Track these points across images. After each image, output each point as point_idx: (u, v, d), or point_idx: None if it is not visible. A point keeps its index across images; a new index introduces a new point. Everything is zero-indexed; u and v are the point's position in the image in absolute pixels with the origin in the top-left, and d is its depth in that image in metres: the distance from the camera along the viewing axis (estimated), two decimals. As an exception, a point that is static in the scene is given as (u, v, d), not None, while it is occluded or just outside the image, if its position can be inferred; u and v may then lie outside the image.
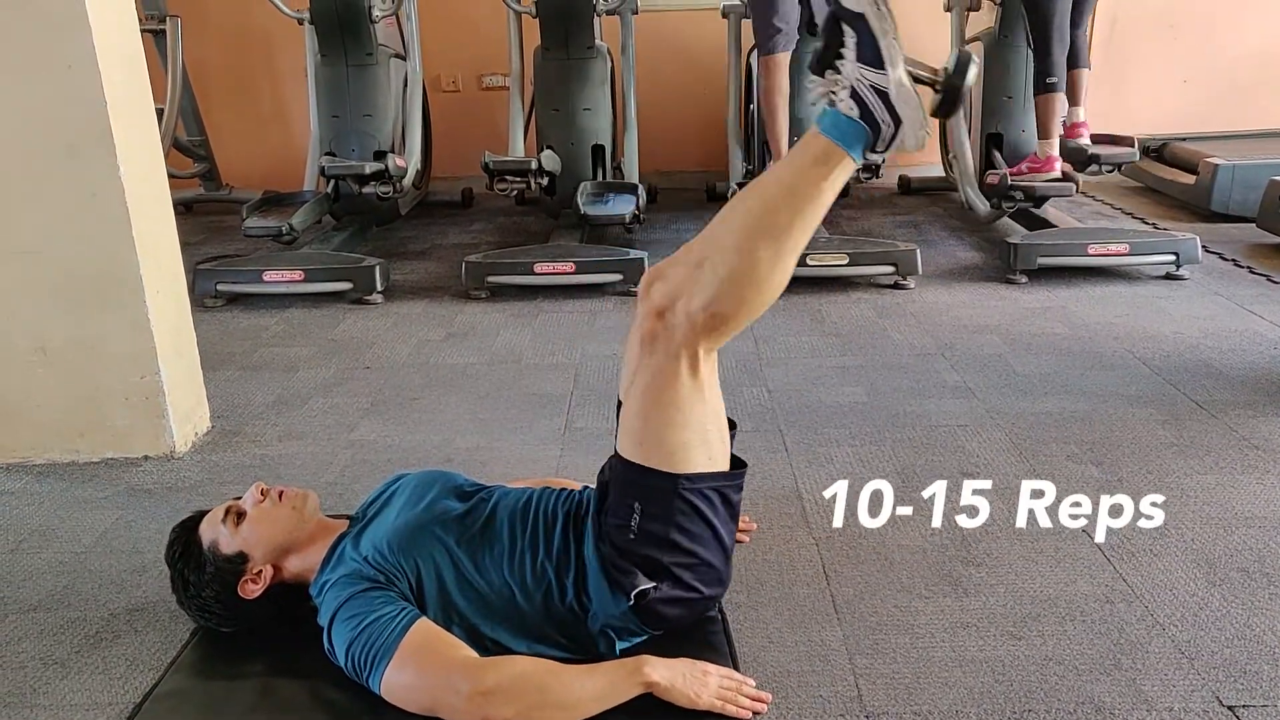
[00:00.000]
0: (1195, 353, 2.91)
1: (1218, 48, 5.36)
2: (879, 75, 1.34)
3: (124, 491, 2.27)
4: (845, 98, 1.37)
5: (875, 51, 1.34)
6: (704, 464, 1.46)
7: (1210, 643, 1.61)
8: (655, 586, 1.46)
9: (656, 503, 1.45)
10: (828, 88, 1.39)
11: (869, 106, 1.35)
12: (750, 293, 1.39)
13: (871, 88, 1.35)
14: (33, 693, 1.59)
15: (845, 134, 1.37)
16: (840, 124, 1.37)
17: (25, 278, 2.30)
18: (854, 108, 1.36)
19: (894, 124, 1.35)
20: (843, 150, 1.37)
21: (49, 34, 2.14)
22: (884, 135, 1.36)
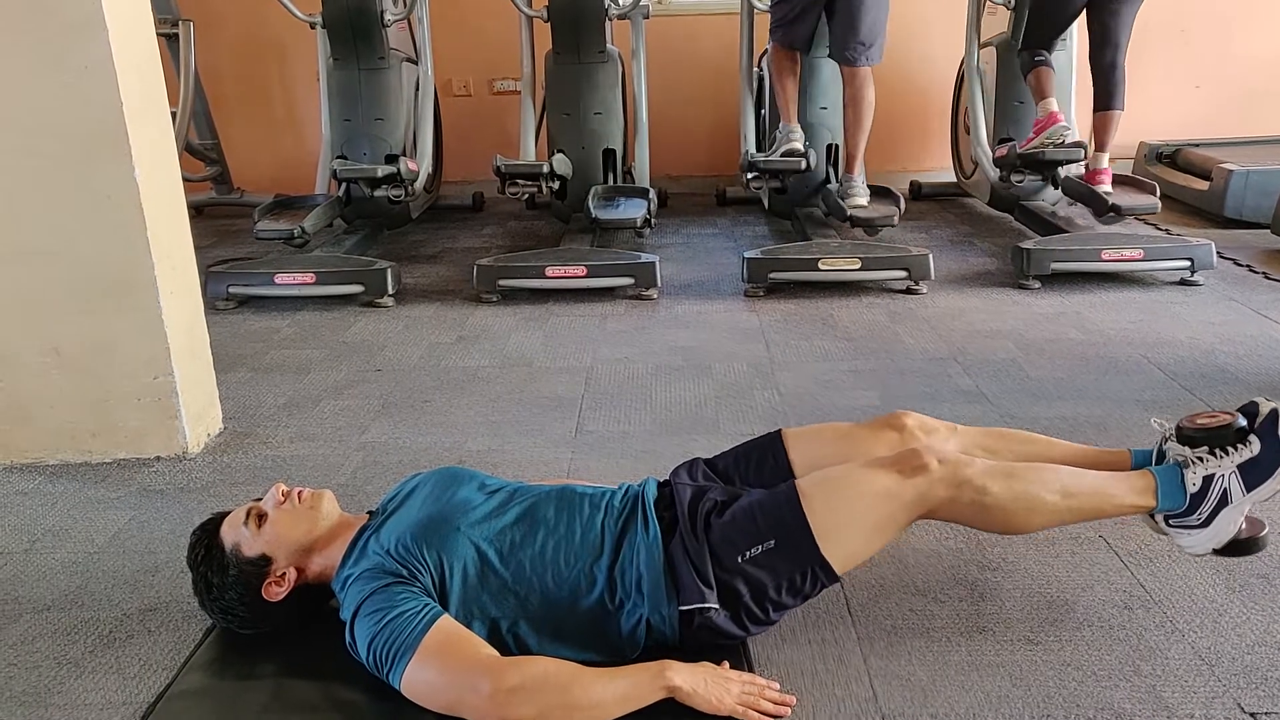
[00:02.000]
0: (1210, 358, 2.89)
1: (1231, 53, 5.34)
2: (1239, 491, 1.49)
3: (136, 492, 2.27)
4: (1198, 476, 1.52)
5: (1261, 478, 1.48)
6: (837, 564, 1.52)
7: (1230, 649, 1.59)
8: (716, 609, 1.49)
9: (789, 555, 1.50)
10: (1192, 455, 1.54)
11: (1206, 496, 1.50)
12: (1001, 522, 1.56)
13: (1222, 490, 1.49)
14: (48, 692, 1.59)
15: (1171, 493, 1.54)
16: (1175, 484, 1.54)
17: (40, 279, 2.30)
18: (1197, 484, 1.50)
19: (1202, 525, 1.51)
20: (1155, 500, 1.55)
21: (66, 36, 2.15)
22: (1187, 521, 1.53)
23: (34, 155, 2.23)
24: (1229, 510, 1.50)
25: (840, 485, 1.53)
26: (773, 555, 1.49)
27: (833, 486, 1.53)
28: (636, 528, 1.54)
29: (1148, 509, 1.56)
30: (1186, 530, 1.55)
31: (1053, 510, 1.54)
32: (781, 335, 3.20)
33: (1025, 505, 1.52)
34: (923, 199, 5.18)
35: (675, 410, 2.64)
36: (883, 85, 4.02)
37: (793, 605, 1.56)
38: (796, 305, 3.52)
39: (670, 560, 1.49)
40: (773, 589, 1.50)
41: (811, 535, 1.49)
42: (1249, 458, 1.50)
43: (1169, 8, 5.24)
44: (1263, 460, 1.49)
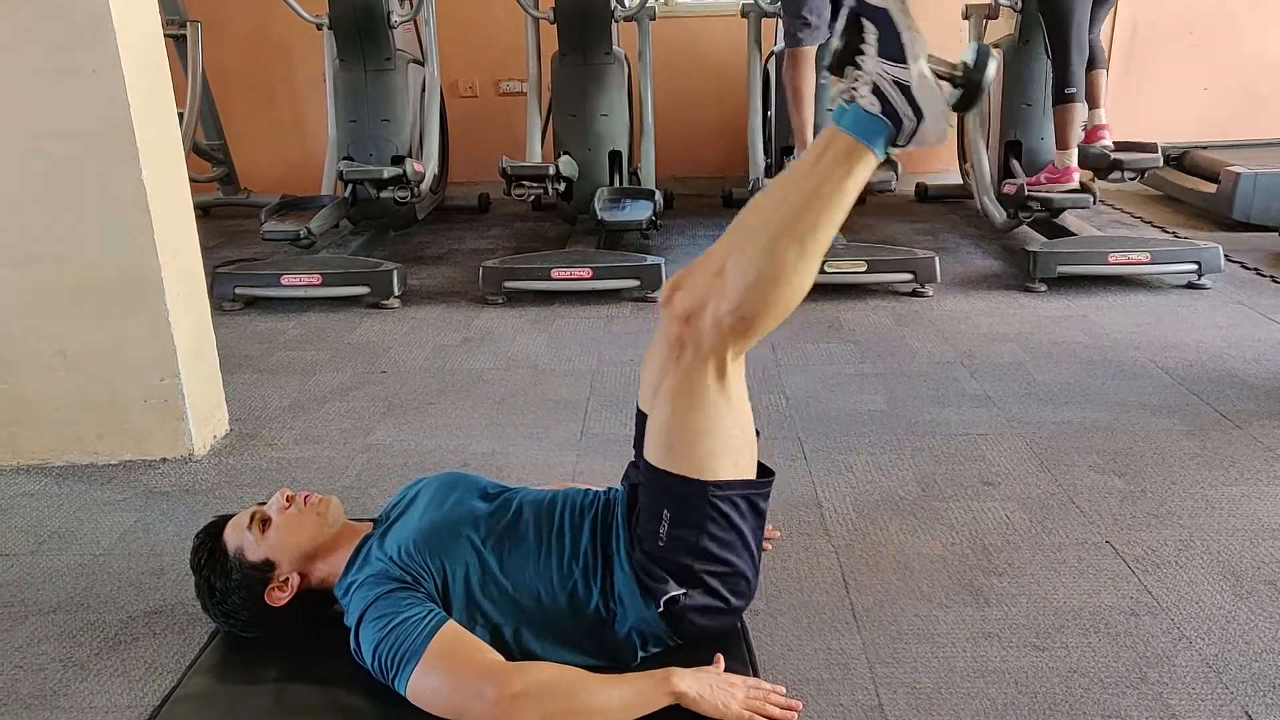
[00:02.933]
0: (1218, 362, 2.88)
1: (1238, 55, 5.32)
2: (901, 69, 1.33)
3: (142, 494, 2.28)
4: (866, 93, 1.35)
5: (898, 45, 1.33)
6: (731, 471, 1.46)
7: (1238, 656, 1.59)
8: (685, 593, 1.46)
9: (686, 509, 1.44)
10: (848, 84, 1.38)
11: (891, 101, 1.34)
12: (777, 294, 1.38)
13: (894, 82, 1.33)
14: (54, 694, 1.59)
15: (867, 130, 1.35)
16: (862, 120, 1.35)
17: (47, 281, 2.31)
18: (875, 103, 1.34)
19: (916, 118, 1.34)
20: (865, 146, 1.35)
21: (73, 38, 2.15)
22: (906, 129, 1.35)
23: (42, 157, 2.23)
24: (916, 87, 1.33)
25: (661, 418, 1.46)
26: (677, 521, 1.45)
27: (658, 426, 1.47)
28: (610, 538, 1.53)
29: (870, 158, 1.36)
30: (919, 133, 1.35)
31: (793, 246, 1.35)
32: (787, 337, 3.19)
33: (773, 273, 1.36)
34: (929, 201, 5.18)
35: (680, 413, 2.64)
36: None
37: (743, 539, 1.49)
38: (802, 308, 3.41)
39: (633, 567, 1.48)
40: (708, 542, 1.45)
41: (684, 479, 1.43)
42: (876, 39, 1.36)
43: (1177, 10, 5.23)
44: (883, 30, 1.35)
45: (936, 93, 1.34)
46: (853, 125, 1.36)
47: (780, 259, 1.36)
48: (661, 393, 1.46)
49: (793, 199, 1.38)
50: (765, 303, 1.38)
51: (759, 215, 1.41)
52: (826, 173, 1.37)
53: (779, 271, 1.36)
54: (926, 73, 1.33)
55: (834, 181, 1.36)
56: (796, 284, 1.38)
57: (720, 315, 1.37)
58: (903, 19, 1.33)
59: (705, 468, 1.43)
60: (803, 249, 1.36)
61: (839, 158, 1.36)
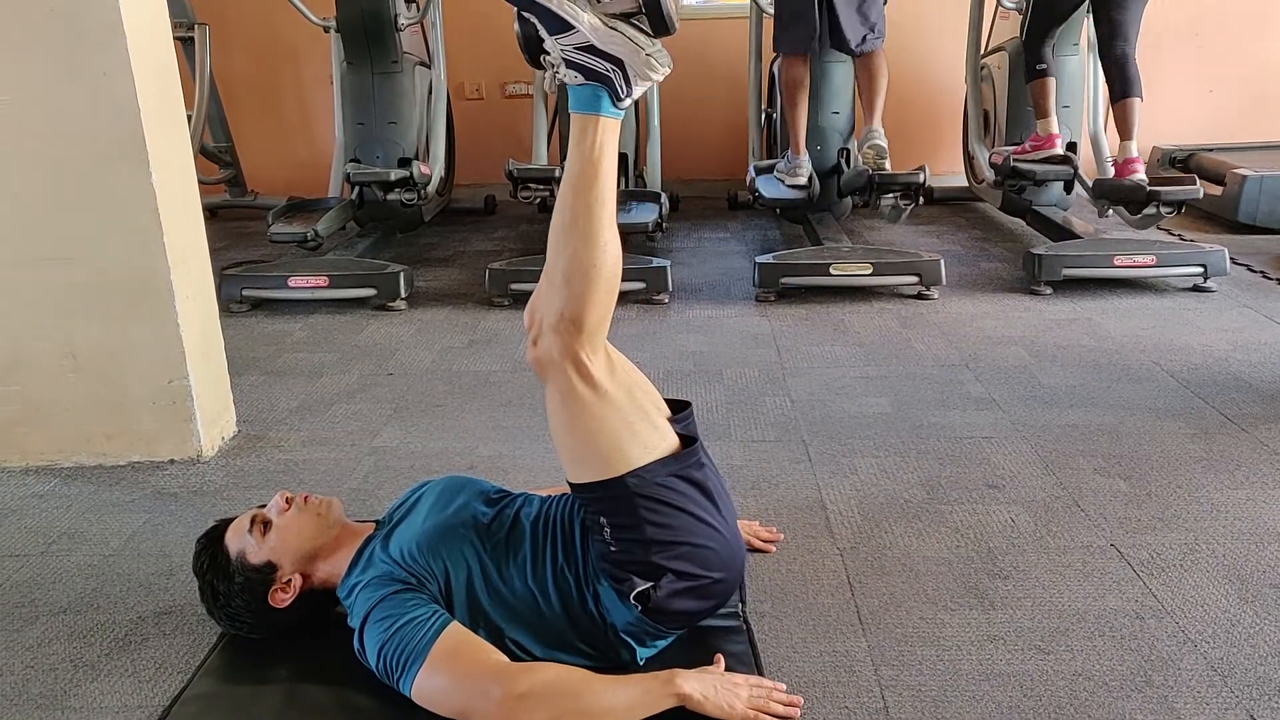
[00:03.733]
0: (1224, 365, 2.88)
1: (1244, 58, 5.32)
2: (574, 35, 1.36)
3: (151, 495, 2.29)
4: (565, 70, 1.39)
5: (556, 19, 1.37)
6: (642, 456, 1.45)
7: (1244, 660, 1.59)
8: (654, 585, 1.46)
9: (617, 511, 1.45)
10: (551, 73, 1.43)
11: (586, 66, 1.38)
12: (586, 284, 1.40)
13: (576, 49, 1.37)
14: (64, 695, 1.60)
15: (584, 100, 1.40)
16: (577, 94, 1.40)
17: (57, 283, 2.32)
18: (576, 75, 1.38)
19: (617, 66, 1.37)
20: (592, 115, 1.40)
21: (85, 43, 2.17)
22: (615, 81, 1.38)
23: (53, 160, 2.25)
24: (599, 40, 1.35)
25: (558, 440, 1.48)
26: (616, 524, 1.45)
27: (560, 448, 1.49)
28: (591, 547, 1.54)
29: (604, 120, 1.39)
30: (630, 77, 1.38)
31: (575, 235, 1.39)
32: (793, 341, 3.20)
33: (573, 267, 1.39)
34: (934, 203, 5.17)
35: (686, 416, 2.64)
36: (894, 90, 4.02)
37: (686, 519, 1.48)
38: (808, 310, 3.52)
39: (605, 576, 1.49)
40: (652, 529, 1.45)
41: (602, 484, 1.44)
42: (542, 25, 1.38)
43: (1183, 12, 5.23)
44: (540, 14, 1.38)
45: (619, 35, 1.37)
46: (574, 104, 1.41)
47: (572, 252, 1.40)
48: (548, 418, 1.48)
49: (564, 194, 1.42)
50: (579, 295, 1.40)
51: (552, 224, 1.45)
52: (575, 155, 1.41)
53: (577, 263, 1.40)
54: (598, 23, 1.37)
55: (584, 159, 1.40)
56: (598, 267, 1.40)
57: (552, 324, 1.41)
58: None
59: (614, 465, 1.44)
60: (585, 232, 1.40)
61: (579, 137, 1.41)
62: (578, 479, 1.48)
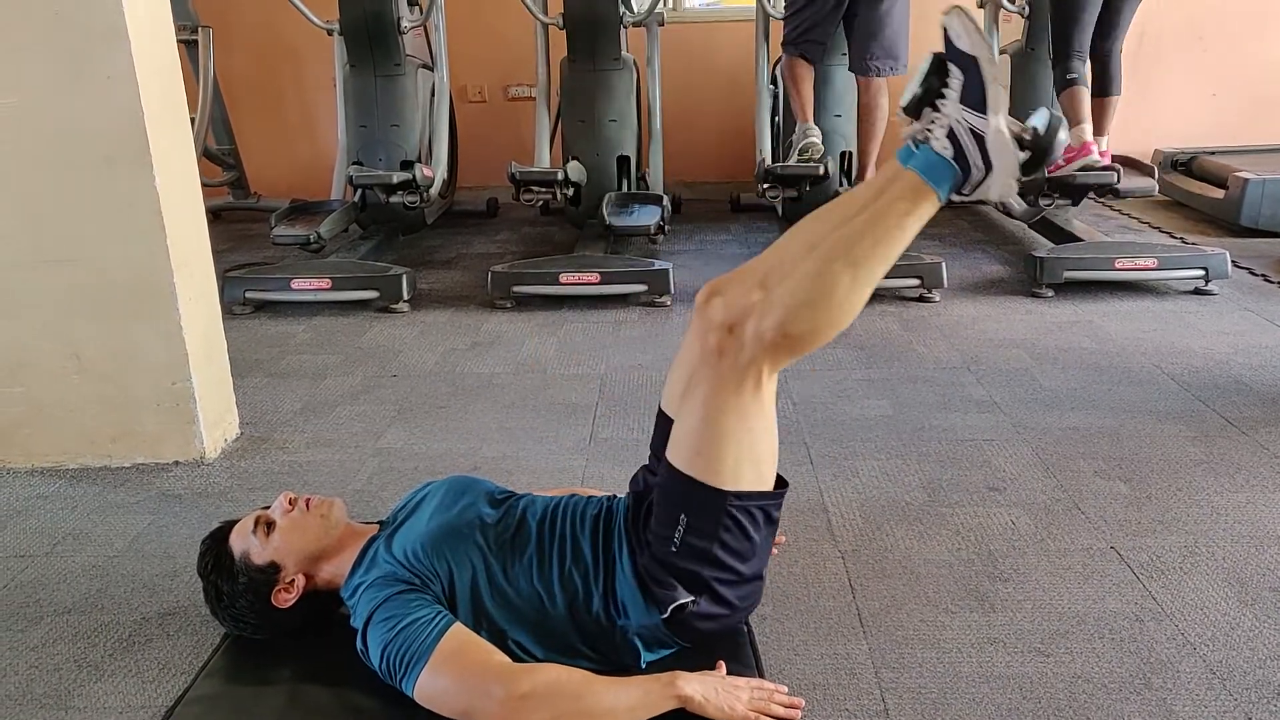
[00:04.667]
0: (1225, 369, 2.88)
1: (1246, 60, 5.32)
2: (980, 119, 1.36)
3: (155, 496, 2.30)
4: (941, 136, 1.38)
5: (981, 96, 1.36)
6: (753, 482, 1.46)
7: (1243, 663, 1.59)
8: (694, 600, 1.47)
9: (703, 517, 1.45)
10: (923, 126, 1.41)
11: (964, 148, 1.37)
12: (825, 317, 1.39)
13: (970, 130, 1.37)
14: (68, 695, 1.61)
15: (936, 172, 1.38)
16: (932, 162, 1.39)
17: (61, 286, 2.34)
18: (948, 147, 1.38)
19: (985, 170, 1.37)
20: (931, 188, 1.39)
21: (89, 46, 2.18)
22: (973, 179, 1.38)
23: (57, 163, 2.26)
24: (991, 139, 1.37)
25: (687, 423, 1.46)
26: (693, 527, 1.45)
27: (685, 430, 1.47)
28: (612, 545, 1.54)
29: (934, 199, 1.40)
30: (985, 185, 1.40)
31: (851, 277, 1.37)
32: (794, 343, 3.20)
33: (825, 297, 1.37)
34: (936, 206, 5.17)
35: (688, 418, 2.65)
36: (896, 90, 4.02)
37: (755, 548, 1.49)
38: (809, 313, 3.51)
39: (638, 575, 1.50)
40: (720, 550, 1.45)
41: (703, 484, 1.43)
42: (960, 86, 1.39)
43: (1185, 14, 5.23)
44: (969, 77, 1.38)
45: (1010, 149, 1.37)
46: (922, 165, 1.39)
47: (833, 283, 1.37)
48: (692, 398, 1.46)
49: (851, 225, 1.40)
50: (813, 324, 1.39)
51: (811, 236, 1.43)
52: (889, 206, 1.39)
53: (830, 295, 1.37)
54: (1003, 128, 1.37)
55: (895, 216, 1.39)
56: (846, 309, 1.39)
57: (763, 329, 1.38)
58: (989, 69, 1.37)
59: (728, 477, 1.43)
60: (856, 276, 1.38)
61: (904, 194, 1.39)
62: (684, 468, 1.45)
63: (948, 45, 1.40)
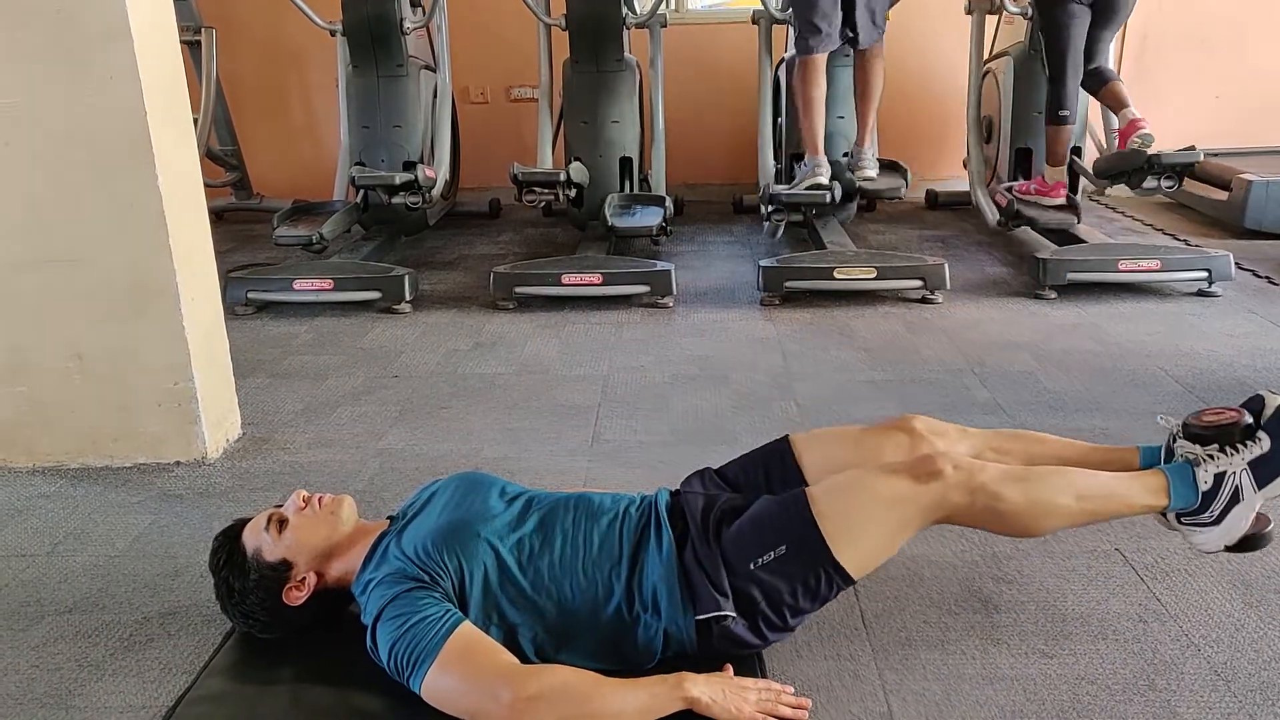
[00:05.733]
0: (1229, 371, 2.87)
1: (1250, 63, 5.31)
2: (1250, 488, 1.50)
3: (156, 496, 2.30)
4: (1209, 473, 1.53)
5: (1272, 475, 1.50)
6: (850, 567, 1.51)
7: (1247, 665, 1.59)
8: (734, 618, 1.49)
9: (801, 560, 1.50)
10: (1202, 454, 1.55)
11: (1218, 494, 1.51)
12: (1023, 524, 1.56)
13: (1234, 488, 1.50)
14: (69, 695, 1.61)
15: (1183, 492, 1.54)
16: (1186, 484, 1.54)
17: (63, 286, 2.34)
18: (1209, 483, 1.51)
19: (1214, 523, 1.52)
20: (1168, 499, 1.55)
21: (92, 46, 2.18)
22: (1201, 519, 1.53)
23: (59, 163, 2.26)
24: (1241, 507, 1.51)
25: (851, 490, 1.54)
26: (785, 561, 1.49)
27: (844, 491, 1.54)
28: (651, 538, 1.55)
29: (1161, 508, 1.57)
30: (1199, 528, 1.55)
31: (1066, 513, 1.54)
32: (798, 345, 3.20)
33: (1040, 510, 1.53)
34: (939, 208, 5.17)
35: (692, 420, 2.65)
36: (900, 92, 4.04)
37: (810, 610, 1.56)
38: (812, 314, 3.52)
39: (684, 571, 1.50)
40: (788, 594, 1.50)
41: (823, 539, 1.49)
42: (1259, 454, 1.52)
43: (1189, 17, 5.23)
44: (1273, 457, 1.51)
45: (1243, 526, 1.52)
46: (1175, 478, 1.55)
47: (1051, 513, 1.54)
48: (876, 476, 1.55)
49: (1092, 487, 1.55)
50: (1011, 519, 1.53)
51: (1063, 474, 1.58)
52: (1128, 493, 1.56)
53: (1042, 520, 1.55)
54: (1257, 508, 1.51)
55: (1125, 501, 1.56)
56: (1037, 530, 1.59)
57: (978, 488, 1.50)
58: None
59: (840, 545, 1.50)
60: (1064, 520, 1.56)
61: (1146, 491, 1.56)
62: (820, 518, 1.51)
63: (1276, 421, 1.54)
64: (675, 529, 1.57)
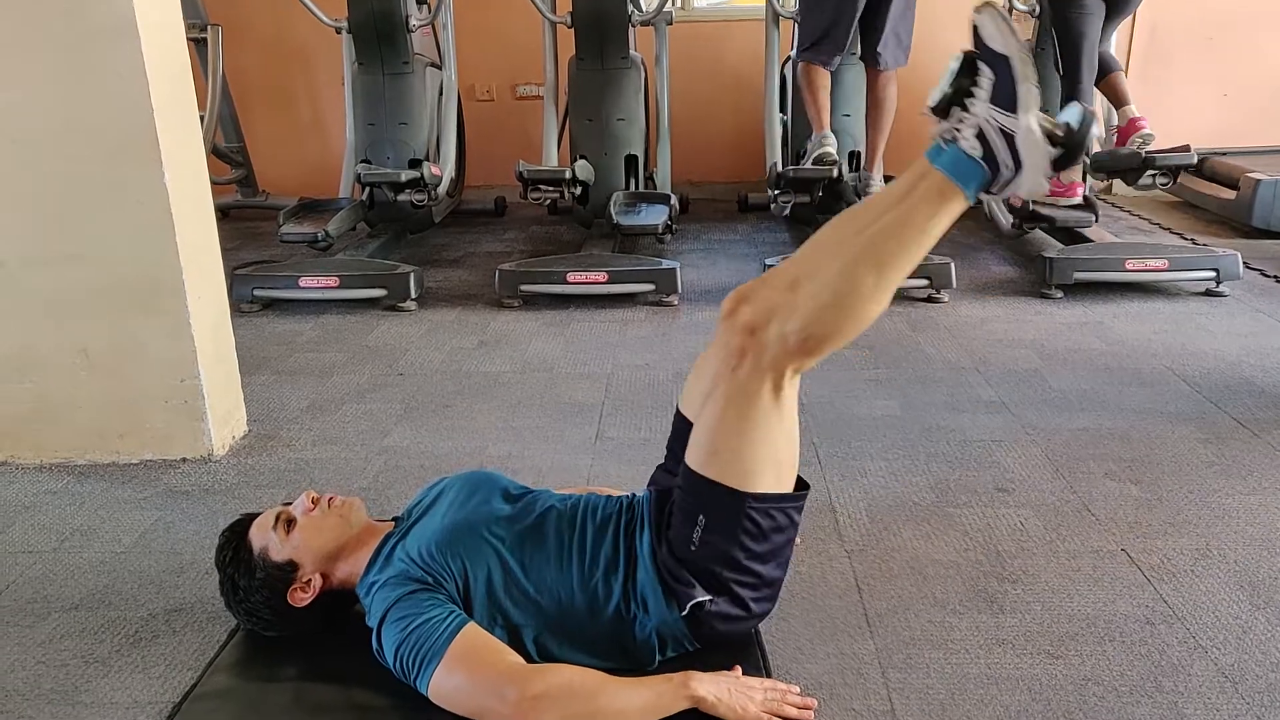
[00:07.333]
0: (1236, 370, 2.87)
1: (1258, 61, 5.30)
2: (1010, 119, 1.35)
3: (163, 493, 2.30)
4: (970, 136, 1.37)
5: (1012, 95, 1.35)
6: (772, 484, 1.45)
7: (1255, 666, 1.58)
8: (711, 600, 1.47)
9: (722, 518, 1.45)
10: (951, 125, 1.40)
11: (993, 148, 1.36)
12: (847, 319, 1.39)
13: (999, 130, 1.35)
14: (75, 690, 1.61)
15: (964, 172, 1.37)
16: (961, 162, 1.37)
17: (71, 282, 2.34)
18: (977, 147, 1.36)
19: (1015, 168, 1.36)
20: (959, 188, 1.38)
21: (99, 43, 2.18)
22: (1002, 178, 1.37)
23: (66, 160, 2.26)
24: (1021, 138, 1.35)
25: (708, 427, 1.46)
26: (712, 528, 1.45)
27: (706, 433, 1.46)
28: (635, 540, 1.54)
29: (961, 199, 1.39)
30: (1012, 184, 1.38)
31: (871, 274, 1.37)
32: (802, 343, 3.19)
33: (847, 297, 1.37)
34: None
35: (695, 417, 2.64)
36: (902, 94, 4.02)
37: (774, 550, 1.49)
38: (817, 313, 3.51)
39: (658, 569, 1.49)
40: (740, 552, 1.45)
41: (723, 487, 1.43)
42: (990, 86, 1.38)
43: (1196, 16, 5.21)
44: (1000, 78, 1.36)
45: (1041, 148, 1.35)
46: (949, 165, 1.38)
47: (857, 284, 1.38)
48: (714, 400, 1.45)
49: (876, 226, 1.39)
50: (835, 325, 1.39)
51: (837, 238, 1.42)
52: (915, 207, 1.39)
53: (854, 296, 1.38)
54: (1034, 126, 1.35)
55: (922, 216, 1.38)
56: (869, 310, 1.39)
57: (786, 332, 1.38)
58: (1022, 69, 1.35)
59: (747, 479, 1.43)
60: (880, 277, 1.38)
61: (930, 194, 1.38)
62: (703, 470, 1.45)
63: (978, 44, 1.39)
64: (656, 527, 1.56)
